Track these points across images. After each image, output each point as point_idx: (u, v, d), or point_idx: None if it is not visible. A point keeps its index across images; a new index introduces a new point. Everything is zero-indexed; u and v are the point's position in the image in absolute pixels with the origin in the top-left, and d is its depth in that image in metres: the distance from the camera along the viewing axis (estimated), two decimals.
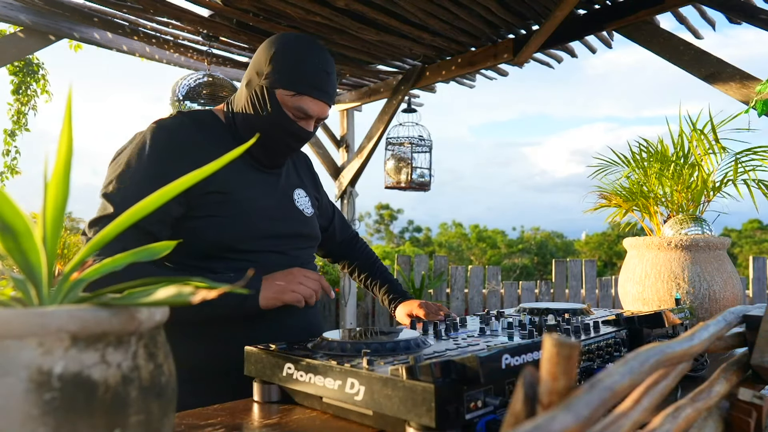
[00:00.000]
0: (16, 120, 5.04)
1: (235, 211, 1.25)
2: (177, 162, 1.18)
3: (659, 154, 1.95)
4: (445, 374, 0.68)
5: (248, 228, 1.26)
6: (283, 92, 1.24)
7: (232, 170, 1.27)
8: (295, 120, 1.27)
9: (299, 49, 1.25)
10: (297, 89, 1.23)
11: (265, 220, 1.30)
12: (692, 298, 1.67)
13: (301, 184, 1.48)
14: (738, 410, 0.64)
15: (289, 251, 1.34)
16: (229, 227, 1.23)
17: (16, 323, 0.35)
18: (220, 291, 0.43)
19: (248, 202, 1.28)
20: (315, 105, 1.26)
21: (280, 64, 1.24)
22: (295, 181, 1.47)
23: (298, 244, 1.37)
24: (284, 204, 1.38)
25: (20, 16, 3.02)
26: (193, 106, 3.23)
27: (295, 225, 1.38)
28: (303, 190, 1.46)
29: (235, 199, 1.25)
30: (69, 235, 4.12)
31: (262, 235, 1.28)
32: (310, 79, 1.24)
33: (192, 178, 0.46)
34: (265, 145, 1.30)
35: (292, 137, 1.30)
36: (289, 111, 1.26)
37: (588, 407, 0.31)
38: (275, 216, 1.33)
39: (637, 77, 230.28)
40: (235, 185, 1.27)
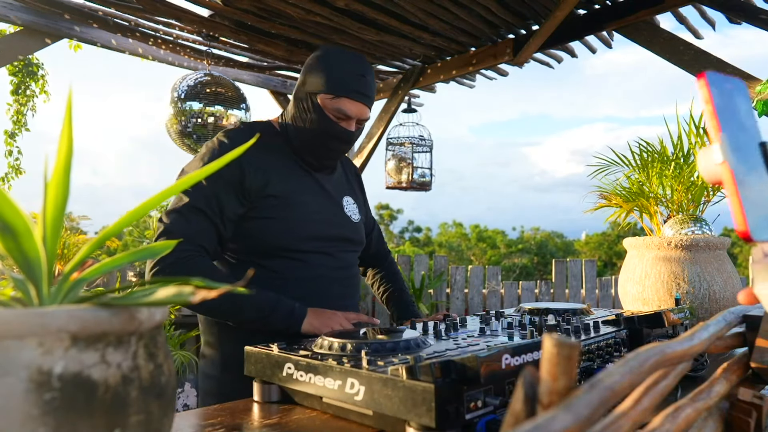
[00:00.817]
0: (16, 120, 5.04)
1: (288, 215, 1.36)
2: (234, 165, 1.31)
3: (660, 154, 1.95)
4: (445, 374, 0.68)
5: (299, 231, 1.37)
6: (324, 97, 1.37)
7: (288, 175, 1.40)
8: (336, 122, 1.38)
9: (336, 57, 1.39)
10: (335, 92, 1.36)
11: (315, 224, 1.40)
12: (692, 298, 1.67)
13: (351, 192, 1.60)
14: (738, 410, 0.64)
15: (335, 254, 1.44)
16: (283, 229, 1.35)
17: (16, 323, 0.35)
18: (220, 291, 0.43)
19: (301, 206, 1.39)
20: (353, 106, 1.37)
21: (320, 72, 1.37)
22: (345, 189, 1.58)
23: (344, 247, 1.47)
24: (334, 209, 1.48)
25: (20, 16, 3.02)
26: (193, 106, 3.23)
27: (342, 229, 1.47)
28: (352, 198, 1.57)
29: (290, 203, 1.37)
30: (69, 235, 4.11)
31: (312, 237, 1.39)
32: (346, 83, 1.36)
33: (190, 179, 0.46)
34: (313, 148, 1.42)
35: (336, 138, 1.40)
36: (330, 114, 1.37)
37: (588, 407, 0.31)
38: (324, 220, 1.43)
39: (637, 77, 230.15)
40: (290, 190, 1.38)
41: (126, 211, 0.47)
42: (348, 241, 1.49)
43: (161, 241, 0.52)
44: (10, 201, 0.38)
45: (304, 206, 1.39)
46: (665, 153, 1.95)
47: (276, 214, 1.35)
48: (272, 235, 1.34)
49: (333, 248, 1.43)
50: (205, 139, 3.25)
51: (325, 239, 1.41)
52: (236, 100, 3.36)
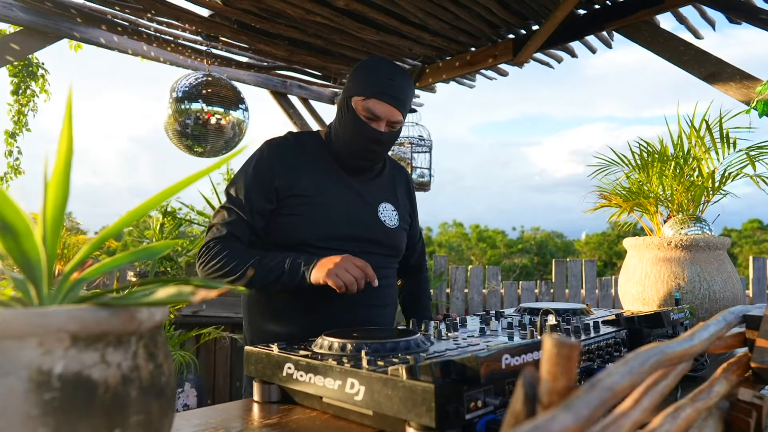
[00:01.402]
0: (17, 120, 5.04)
1: (311, 213, 1.47)
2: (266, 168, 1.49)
3: (660, 154, 1.95)
4: (445, 374, 0.68)
5: (319, 228, 1.46)
6: (357, 99, 1.47)
7: (319, 178, 1.51)
8: (366, 122, 1.47)
9: (371, 64, 1.52)
10: (365, 94, 1.46)
11: (340, 223, 1.49)
12: (692, 298, 1.67)
13: (393, 199, 1.65)
14: (738, 410, 0.64)
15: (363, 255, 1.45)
16: (305, 225, 1.46)
17: (16, 323, 0.35)
18: (220, 291, 0.43)
19: (325, 205, 1.48)
20: (381, 106, 1.46)
21: (355, 78, 1.50)
22: (386, 196, 1.64)
23: (371, 249, 1.52)
24: (364, 212, 1.55)
25: (20, 16, 3.02)
26: (192, 106, 3.22)
27: (372, 232, 1.54)
28: (392, 205, 1.63)
29: (314, 202, 1.47)
30: (69, 235, 4.11)
31: (335, 236, 1.47)
32: (376, 85, 1.46)
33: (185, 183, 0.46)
34: (348, 149, 1.52)
35: (365, 138, 1.48)
36: (361, 114, 1.47)
37: (588, 407, 0.31)
38: (353, 221, 1.51)
39: (637, 77, 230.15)
40: (317, 190, 1.49)
41: (126, 211, 0.47)
42: (377, 244, 1.54)
43: (162, 241, 0.52)
44: (10, 201, 0.38)
45: (328, 206, 1.49)
46: (665, 153, 1.95)
47: (301, 212, 1.46)
48: (295, 230, 1.46)
49: (357, 248, 1.48)
50: (204, 140, 3.25)
51: (348, 239, 1.48)
52: (235, 100, 3.35)
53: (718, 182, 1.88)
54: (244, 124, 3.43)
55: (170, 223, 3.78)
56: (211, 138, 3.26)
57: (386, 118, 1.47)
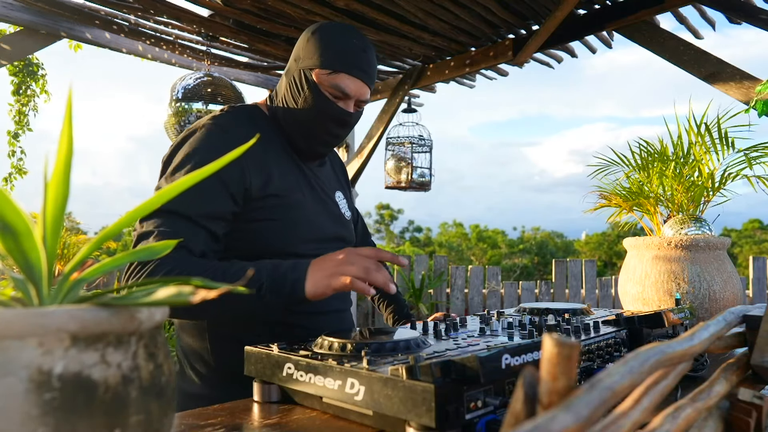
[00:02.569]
0: (18, 120, 5.04)
1: (288, 215, 1.23)
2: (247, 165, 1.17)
3: (660, 154, 1.95)
4: (445, 374, 0.68)
5: (299, 232, 1.24)
6: (320, 72, 1.21)
7: (285, 171, 1.25)
8: (333, 101, 1.23)
9: (334, 31, 1.24)
10: (333, 67, 1.20)
11: (314, 224, 1.28)
12: (692, 298, 1.67)
13: (340, 186, 1.47)
14: (738, 410, 0.64)
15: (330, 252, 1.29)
16: (283, 231, 1.22)
17: (16, 323, 0.35)
18: (220, 291, 0.43)
19: (299, 205, 1.26)
20: (352, 83, 1.22)
21: (315, 46, 1.22)
22: (335, 183, 1.45)
23: (337, 246, 1.32)
24: (330, 207, 1.36)
25: (20, 16, 3.02)
26: (192, 106, 3.23)
27: (337, 228, 1.36)
28: (341, 193, 1.45)
29: (288, 203, 1.23)
30: (69, 235, 4.11)
31: (311, 238, 1.27)
32: (345, 56, 1.21)
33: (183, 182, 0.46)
34: (307, 132, 1.26)
35: (333, 120, 1.25)
36: (326, 91, 1.22)
37: (588, 407, 0.31)
38: (321, 220, 1.31)
39: (637, 77, 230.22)
40: (288, 188, 1.24)
41: (126, 211, 0.47)
42: (342, 240, 1.38)
43: (162, 241, 0.52)
44: (10, 201, 0.38)
45: (302, 205, 1.27)
46: (665, 153, 1.95)
47: (278, 215, 1.21)
48: (270, 237, 1.21)
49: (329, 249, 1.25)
50: None
51: (322, 240, 1.30)
52: (235, 100, 3.35)
53: (718, 182, 1.88)
54: None
55: None
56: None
57: (356, 96, 1.24)
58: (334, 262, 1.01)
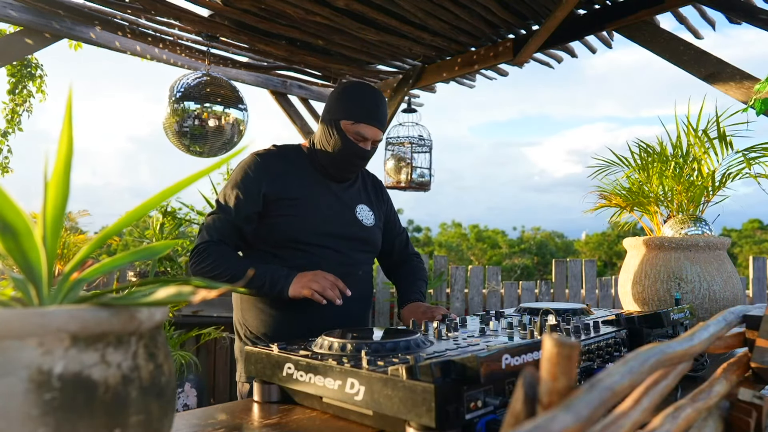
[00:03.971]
0: (10, 119, 5.04)
1: (299, 212, 1.65)
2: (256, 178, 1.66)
3: (659, 155, 1.95)
4: (445, 374, 0.68)
5: (309, 226, 1.64)
6: (346, 123, 1.68)
7: (304, 184, 1.71)
8: (356, 143, 1.69)
9: (356, 90, 1.71)
10: (354, 119, 1.67)
11: (323, 221, 1.67)
12: (692, 298, 1.67)
13: (368, 201, 1.86)
14: (738, 410, 0.64)
15: (345, 251, 1.69)
16: (293, 224, 1.64)
17: (16, 323, 0.35)
18: (220, 291, 0.43)
19: (311, 206, 1.67)
20: (369, 130, 1.68)
21: (342, 102, 1.70)
22: (362, 199, 1.85)
23: (354, 246, 1.73)
24: (344, 212, 1.75)
25: (20, 16, 3.02)
26: (191, 106, 3.22)
27: (351, 230, 1.73)
28: (367, 206, 1.83)
29: (302, 204, 1.66)
30: (69, 235, 4.10)
31: (320, 232, 1.66)
32: (364, 111, 1.68)
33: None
34: (338, 164, 1.73)
35: (355, 155, 1.71)
36: (351, 136, 1.68)
37: (588, 407, 0.31)
38: (333, 220, 1.70)
39: (637, 77, 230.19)
40: (304, 194, 1.68)
41: (126, 211, 0.47)
42: (358, 241, 1.74)
43: (162, 241, 0.52)
44: (10, 201, 0.38)
45: (314, 206, 1.67)
46: (665, 153, 1.95)
47: (289, 213, 1.64)
48: (284, 229, 1.64)
49: (341, 245, 1.68)
50: (203, 139, 3.26)
51: (333, 236, 1.67)
52: (234, 100, 3.35)
53: (718, 182, 1.88)
54: (243, 124, 3.43)
55: (170, 223, 3.78)
56: (210, 138, 3.26)
57: (372, 138, 1.70)
58: (307, 278, 1.51)
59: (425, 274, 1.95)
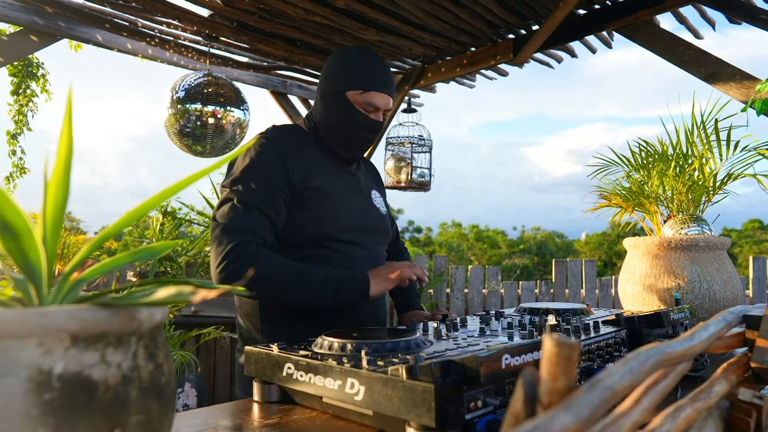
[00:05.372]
0: (17, 121, 5.04)
1: (327, 206, 1.45)
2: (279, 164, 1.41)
3: (661, 154, 1.95)
4: (445, 374, 0.67)
5: (338, 221, 1.45)
6: (353, 93, 1.46)
7: (325, 169, 1.50)
8: (367, 114, 1.48)
9: (357, 55, 1.50)
10: (364, 87, 1.46)
11: (352, 215, 1.50)
12: (692, 298, 1.67)
13: (376, 187, 1.72)
14: (738, 410, 0.64)
15: (367, 244, 1.53)
16: (323, 220, 1.43)
17: (16, 323, 0.35)
18: (220, 291, 0.43)
19: (338, 198, 1.48)
20: (381, 98, 1.48)
21: (345, 71, 1.48)
22: (371, 184, 1.70)
23: (375, 238, 1.57)
24: (366, 201, 1.59)
25: (20, 16, 3.02)
26: (193, 106, 3.22)
27: (374, 221, 1.58)
28: (377, 192, 1.69)
29: (328, 195, 1.45)
30: (69, 235, 4.10)
31: (348, 228, 1.48)
32: (373, 77, 1.47)
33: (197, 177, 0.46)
34: (347, 140, 1.51)
35: (367, 129, 1.50)
36: (360, 107, 1.47)
37: (588, 407, 0.31)
38: (359, 211, 1.53)
39: (637, 77, 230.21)
40: (328, 182, 1.47)
41: (126, 211, 0.47)
42: (378, 232, 1.59)
43: (162, 241, 0.52)
44: (10, 201, 0.38)
45: (341, 198, 1.48)
46: (665, 153, 1.95)
47: (315, 206, 1.43)
48: (311, 225, 1.42)
49: (365, 239, 1.52)
50: (204, 140, 3.25)
51: (359, 230, 1.50)
52: (235, 100, 3.35)
53: (720, 182, 1.88)
54: (244, 124, 3.43)
55: (170, 223, 3.77)
56: (211, 138, 3.26)
57: (384, 108, 1.51)
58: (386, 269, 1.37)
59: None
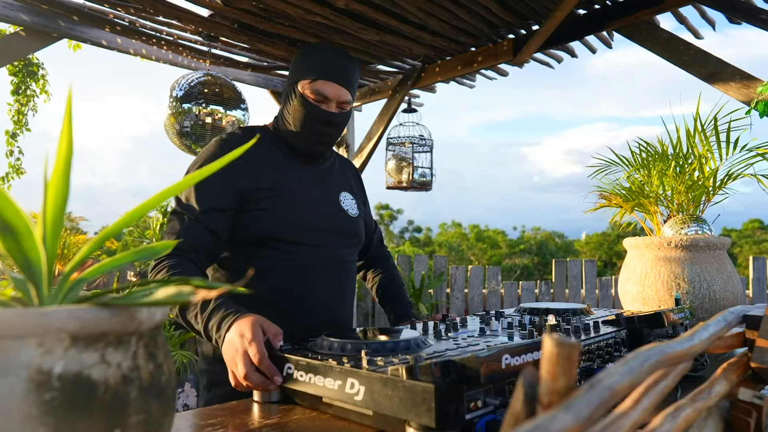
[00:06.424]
0: (17, 120, 5.04)
1: (279, 205, 1.41)
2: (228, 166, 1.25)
3: (660, 154, 1.95)
4: (445, 374, 0.67)
5: (285, 220, 1.41)
6: (303, 83, 1.45)
7: (281, 169, 1.47)
8: (317, 104, 1.45)
9: (313, 48, 1.51)
10: (312, 76, 1.44)
11: (305, 213, 1.44)
12: (692, 298, 1.67)
13: (350, 189, 1.65)
14: (738, 410, 0.64)
15: (325, 247, 1.47)
16: (274, 219, 1.40)
17: (16, 323, 0.35)
18: (220, 291, 0.43)
19: (291, 196, 1.44)
20: (330, 87, 1.44)
21: (299, 62, 1.48)
22: (344, 185, 1.63)
23: (336, 241, 1.50)
24: (328, 201, 1.53)
25: (20, 16, 3.02)
26: (192, 106, 3.23)
27: (336, 221, 1.51)
28: (350, 194, 1.62)
29: (280, 195, 1.42)
30: (69, 235, 4.10)
31: (299, 227, 1.43)
32: (322, 66, 1.45)
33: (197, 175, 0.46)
34: (300, 134, 1.48)
35: (319, 121, 1.46)
36: (310, 97, 1.45)
37: (588, 407, 0.31)
38: (316, 210, 1.47)
39: (637, 77, 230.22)
40: (281, 182, 1.44)
41: (126, 211, 0.47)
42: (341, 234, 1.52)
43: (162, 241, 0.52)
44: (10, 201, 0.38)
45: (294, 196, 1.44)
46: (665, 153, 1.95)
47: (267, 205, 1.40)
48: (263, 224, 1.39)
49: (321, 240, 1.46)
50: (204, 140, 3.25)
51: (312, 230, 1.45)
52: (235, 100, 3.35)
53: (720, 182, 1.88)
54: (244, 124, 3.43)
55: None
56: (210, 137, 3.26)
57: (335, 98, 1.46)
58: (231, 353, 1.03)
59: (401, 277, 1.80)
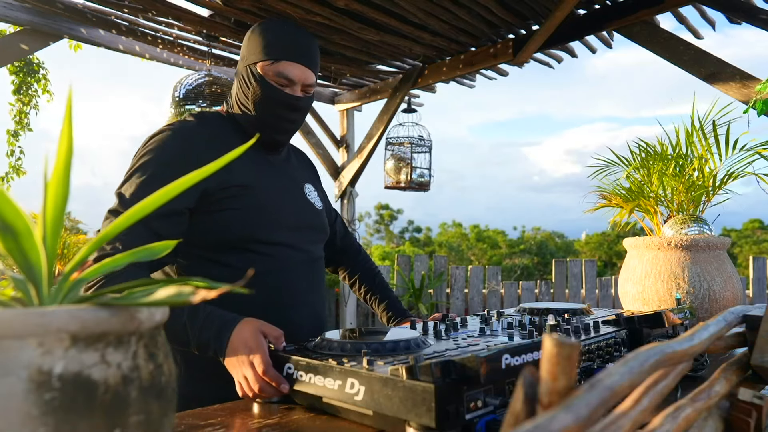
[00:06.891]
0: (19, 120, 5.04)
1: (255, 203, 1.28)
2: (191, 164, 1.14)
3: (659, 155, 1.95)
4: (445, 374, 0.67)
5: (267, 220, 1.30)
6: (264, 64, 1.30)
7: (248, 163, 1.31)
8: (280, 88, 1.31)
9: (272, 25, 1.34)
10: (273, 56, 1.29)
11: (282, 211, 1.34)
12: (692, 298, 1.67)
13: (310, 179, 1.54)
14: (738, 410, 0.64)
15: (303, 246, 1.37)
16: (251, 219, 1.27)
17: (16, 323, 0.35)
18: (220, 291, 0.43)
19: (266, 194, 1.32)
20: (294, 68, 1.31)
21: (255, 41, 1.32)
22: (304, 176, 1.52)
23: (310, 237, 1.41)
24: (297, 196, 1.42)
25: (20, 16, 3.02)
26: (194, 108, 3.22)
27: (308, 217, 1.42)
28: (311, 185, 1.51)
29: (254, 193, 1.29)
30: (69, 235, 4.11)
31: (280, 227, 1.32)
32: (284, 45, 1.30)
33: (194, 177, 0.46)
34: (262, 121, 1.34)
35: (283, 106, 1.33)
36: (272, 80, 1.31)
37: (588, 407, 0.31)
38: (290, 207, 1.37)
39: (637, 77, 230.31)
40: (252, 179, 1.30)
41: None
42: (312, 230, 1.43)
43: (162, 241, 0.52)
44: (10, 201, 0.38)
45: (268, 193, 1.32)
46: (665, 153, 1.95)
47: (240, 205, 1.26)
48: (236, 226, 1.25)
49: (299, 239, 1.36)
50: None
51: (291, 229, 1.35)
52: None
53: (720, 182, 1.88)
54: None
55: None
56: None
57: (301, 81, 1.32)
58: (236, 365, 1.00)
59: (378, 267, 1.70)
